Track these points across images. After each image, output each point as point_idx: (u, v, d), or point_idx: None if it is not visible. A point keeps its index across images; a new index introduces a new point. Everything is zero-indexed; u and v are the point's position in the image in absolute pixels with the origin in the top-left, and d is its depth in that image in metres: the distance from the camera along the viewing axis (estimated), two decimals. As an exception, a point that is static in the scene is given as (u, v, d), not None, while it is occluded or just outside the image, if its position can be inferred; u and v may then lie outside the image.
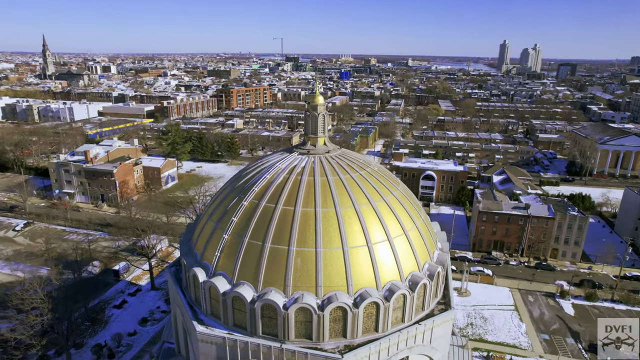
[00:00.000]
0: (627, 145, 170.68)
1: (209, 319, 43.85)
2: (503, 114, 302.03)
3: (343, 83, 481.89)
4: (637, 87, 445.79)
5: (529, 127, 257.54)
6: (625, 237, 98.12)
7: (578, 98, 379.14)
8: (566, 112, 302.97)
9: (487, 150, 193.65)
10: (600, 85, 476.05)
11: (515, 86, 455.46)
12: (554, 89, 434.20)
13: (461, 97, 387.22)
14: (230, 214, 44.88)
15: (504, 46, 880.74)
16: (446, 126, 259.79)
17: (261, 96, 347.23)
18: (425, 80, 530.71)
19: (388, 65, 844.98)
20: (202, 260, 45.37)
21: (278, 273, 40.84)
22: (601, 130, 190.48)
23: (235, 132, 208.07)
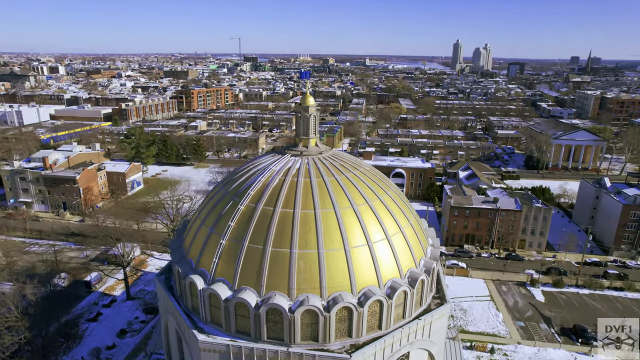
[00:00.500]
0: (577, 139, 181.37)
1: (209, 326, 42.87)
2: (461, 112, 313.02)
3: (304, 83, 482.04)
4: (579, 85, 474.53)
5: (486, 123, 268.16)
6: (586, 227, 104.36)
7: (528, 95, 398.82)
8: (519, 108, 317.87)
9: (450, 147, 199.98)
10: (547, 84, 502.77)
11: (470, 84, 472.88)
12: (506, 87, 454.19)
13: (420, 95, 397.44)
14: (227, 218, 44.06)
15: (457, 46, 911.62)
16: (408, 124, 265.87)
17: (222, 97, 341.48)
18: (384, 80, 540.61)
19: (347, 65, 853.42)
20: (199, 267, 44.25)
21: (281, 276, 40.53)
22: (554, 126, 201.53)
23: (199, 134, 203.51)
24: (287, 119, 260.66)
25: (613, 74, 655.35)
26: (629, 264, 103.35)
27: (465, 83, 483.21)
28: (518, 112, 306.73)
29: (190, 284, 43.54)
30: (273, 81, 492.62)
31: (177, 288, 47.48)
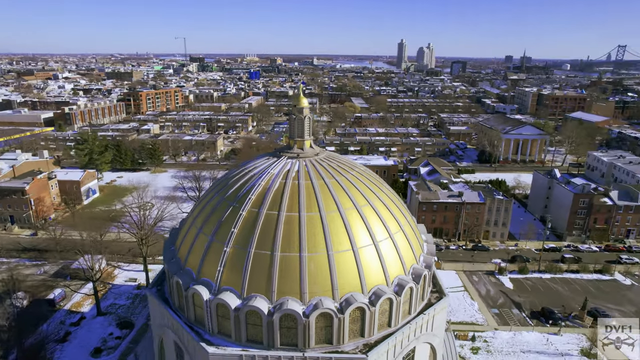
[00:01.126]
0: (524, 134, 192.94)
1: (217, 338, 41.43)
2: (412, 109, 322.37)
3: (255, 83, 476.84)
4: (516, 82, 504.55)
5: (438, 120, 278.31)
6: (545, 216, 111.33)
7: (473, 93, 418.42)
8: (466, 105, 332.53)
9: (407, 144, 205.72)
10: (488, 81, 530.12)
11: (417, 82, 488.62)
12: (451, 85, 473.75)
13: (371, 94, 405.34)
14: (228, 225, 42.84)
15: (402, 45, 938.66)
16: (363, 123, 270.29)
17: (172, 99, 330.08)
18: (334, 79, 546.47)
19: (295, 65, 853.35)
20: (200, 277, 42.68)
21: (292, 281, 39.98)
22: (502, 121, 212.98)
23: (154, 138, 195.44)
24: (243, 120, 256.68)
25: (544, 72, 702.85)
26: (581, 248, 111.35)
27: (413, 81, 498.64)
28: (465, 109, 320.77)
29: (194, 295, 41.91)
30: (222, 82, 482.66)
31: (176, 300, 45.49)
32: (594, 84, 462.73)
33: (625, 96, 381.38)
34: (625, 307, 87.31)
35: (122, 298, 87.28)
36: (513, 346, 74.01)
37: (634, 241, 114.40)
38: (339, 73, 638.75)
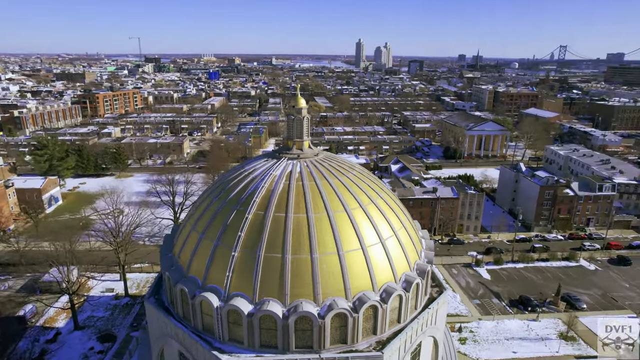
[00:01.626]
0: (486, 130, 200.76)
1: (228, 345, 40.37)
2: (375, 108, 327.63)
3: (215, 83, 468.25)
4: (471, 80, 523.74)
5: (401, 118, 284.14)
6: (517, 208, 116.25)
7: (432, 91, 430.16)
8: (427, 103, 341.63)
9: (375, 142, 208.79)
10: (445, 79, 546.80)
11: (378, 81, 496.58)
12: (410, 83, 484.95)
13: (334, 93, 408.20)
14: (234, 229, 41.83)
15: (360, 45, 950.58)
16: (329, 122, 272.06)
17: (131, 101, 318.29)
18: (295, 79, 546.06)
19: (254, 65, 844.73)
20: (207, 283, 41.42)
21: (305, 283, 39.60)
22: (465, 118, 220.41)
23: (116, 142, 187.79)
24: (207, 121, 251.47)
25: (496, 70, 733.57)
26: (548, 237, 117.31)
27: (374, 80, 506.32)
28: (426, 107, 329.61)
29: (202, 302, 40.65)
30: (181, 82, 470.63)
31: (179, 309, 43.89)
32: (542, 81, 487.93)
33: (571, 93, 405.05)
34: (592, 291, 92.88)
35: (100, 310, 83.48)
36: (497, 334, 76.98)
37: (593, 229, 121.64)
38: (299, 73, 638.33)
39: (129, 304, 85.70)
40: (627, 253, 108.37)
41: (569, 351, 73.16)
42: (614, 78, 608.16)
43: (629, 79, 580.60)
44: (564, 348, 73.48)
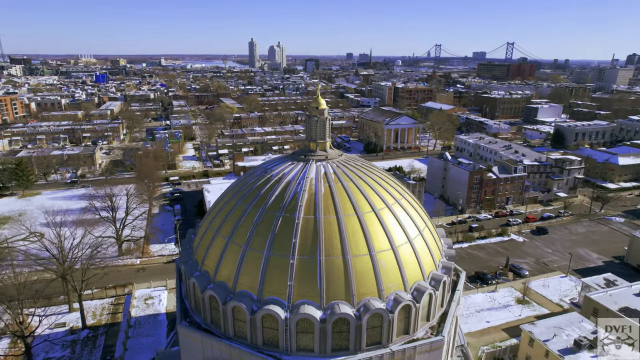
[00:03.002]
0: (402, 124, 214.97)
1: (297, 356, 39.24)
2: (285, 107, 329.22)
3: (106, 87, 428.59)
4: (367, 77, 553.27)
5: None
6: (457, 193, 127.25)
7: (334, 88, 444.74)
8: (334, 101, 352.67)
9: (299, 141, 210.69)
10: (343, 77, 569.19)
11: (281, 80, 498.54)
12: (312, 82, 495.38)
13: (239, 94, 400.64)
14: (285, 236, 40.66)
15: (253, 44, 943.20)
16: (243, 123, 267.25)
17: (10, 108, 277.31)
18: (192, 80, 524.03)
19: (143, 66, 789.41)
20: (264, 296, 39.72)
21: (368, 282, 39.95)
22: (380, 113, 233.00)
23: (10, 156, 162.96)
24: (113, 128, 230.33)
25: (386, 68, 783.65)
26: (479, 217, 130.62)
27: (275, 80, 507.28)
28: (334, 104, 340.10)
29: (264, 316, 38.88)
30: (65, 87, 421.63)
31: (228, 327, 41.07)
32: (430, 77, 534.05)
33: (455, 87, 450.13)
34: (527, 259, 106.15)
35: (57, 349, 73.25)
36: (469, 309, 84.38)
37: (511, 206, 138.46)
38: (196, 73, 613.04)
39: (91, 336, 76.40)
40: (542, 224, 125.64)
41: (528, 313, 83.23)
42: (484, 73, 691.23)
43: (495, 74, 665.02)
44: (524, 311, 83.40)
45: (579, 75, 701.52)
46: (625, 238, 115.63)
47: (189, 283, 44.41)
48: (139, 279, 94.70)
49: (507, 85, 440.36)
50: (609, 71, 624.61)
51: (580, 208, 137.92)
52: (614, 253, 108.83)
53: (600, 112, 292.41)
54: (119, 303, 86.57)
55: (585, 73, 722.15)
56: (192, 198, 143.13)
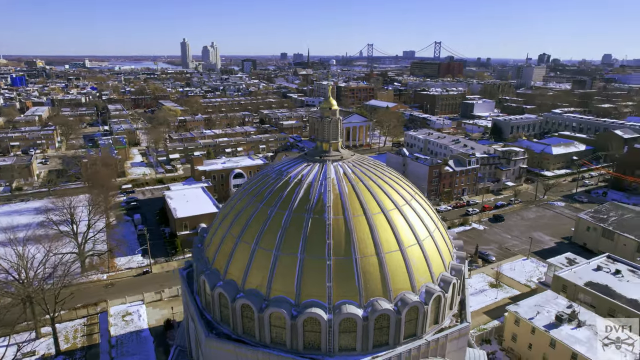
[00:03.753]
0: (353, 122, 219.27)
1: (340, 356, 39.39)
2: (229, 108, 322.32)
3: (26, 91, 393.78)
4: (306, 77, 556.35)
5: (262, 117, 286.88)
6: (421, 187, 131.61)
7: (276, 89, 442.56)
8: (279, 101, 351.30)
9: (252, 142, 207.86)
10: (282, 77, 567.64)
11: (220, 81, 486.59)
12: (252, 82, 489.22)
13: (178, 96, 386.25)
14: (317, 238, 40.76)
15: (185, 44, 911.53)
16: (188, 125, 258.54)
17: None
18: (124, 82, 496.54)
19: (66, 68, 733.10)
20: (303, 299, 39.59)
21: (377, 281, 40.22)
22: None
23: None
24: (46, 135, 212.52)
25: (323, 67, 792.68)
26: (440, 209, 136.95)
27: (214, 81, 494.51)
28: (278, 104, 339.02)
29: (305, 320, 38.67)
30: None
31: (265, 335, 40.27)
32: (368, 76, 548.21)
33: (392, 85, 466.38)
34: (491, 246, 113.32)
35: (32, 379, 66.76)
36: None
37: (467, 197, 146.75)
38: (127, 75, 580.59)
39: (69, 361, 70.60)
40: (498, 212, 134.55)
41: (503, 295, 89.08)
42: (417, 72, 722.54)
43: (427, 72, 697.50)
44: (499, 294, 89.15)
45: (501, 73, 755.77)
46: (568, 220, 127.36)
47: (214, 294, 42.77)
48: (110, 295, 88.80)
49: (442, 83, 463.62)
50: (526, 69, 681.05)
51: (526, 195, 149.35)
52: (562, 234, 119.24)
53: (527, 106, 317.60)
54: (92, 323, 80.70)
55: (506, 71, 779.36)
56: (151, 206, 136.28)
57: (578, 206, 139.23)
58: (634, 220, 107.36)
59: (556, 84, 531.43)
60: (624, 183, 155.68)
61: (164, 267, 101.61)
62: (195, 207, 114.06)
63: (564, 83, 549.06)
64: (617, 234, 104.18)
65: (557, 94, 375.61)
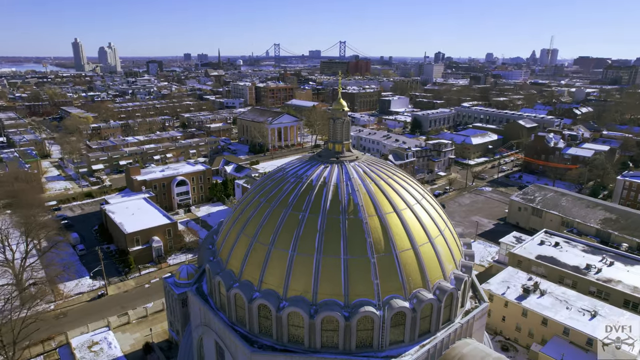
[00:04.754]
0: (284, 122, 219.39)
1: (389, 350, 40.43)
2: (144, 113, 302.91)
3: None
4: (218, 78, 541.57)
5: (183, 120, 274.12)
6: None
7: (190, 91, 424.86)
8: (197, 103, 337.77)
9: (181, 147, 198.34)
10: (194, 79, 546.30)
11: (127, 85, 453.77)
12: (163, 85, 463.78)
13: (82, 101, 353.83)
14: (358, 238, 41.46)
15: (78, 45, 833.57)
16: (103, 133, 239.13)
17: None
18: (9, 86, 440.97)
19: None
20: (352, 299, 39.87)
21: (416, 273, 41.97)
22: (260, 113, 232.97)
23: None
24: None
25: (233, 67, 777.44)
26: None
27: (120, 84, 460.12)
28: (197, 107, 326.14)
29: (360, 320, 39.10)
30: None
31: (317, 340, 39.93)
32: (282, 76, 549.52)
33: (309, 84, 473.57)
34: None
35: None
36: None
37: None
38: (12, 79, 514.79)
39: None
40: (439, 200, 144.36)
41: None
42: (326, 70, 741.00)
43: (336, 71, 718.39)
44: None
45: (404, 70, 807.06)
46: (498, 203, 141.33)
47: (252, 306, 41.13)
48: (65, 326, 79.78)
49: (355, 81, 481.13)
50: (426, 66, 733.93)
51: (457, 183, 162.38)
52: (497, 216, 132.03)
53: (436, 101, 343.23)
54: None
55: (408, 68, 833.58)
56: (86, 223, 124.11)
57: (502, 190, 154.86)
58: (555, 198, 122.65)
59: (455, 80, 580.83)
60: (533, 166, 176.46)
61: (121, 288, 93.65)
62: (145, 220, 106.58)
63: (460, 79, 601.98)
64: (544, 212, 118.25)
65: (460, 89, 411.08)
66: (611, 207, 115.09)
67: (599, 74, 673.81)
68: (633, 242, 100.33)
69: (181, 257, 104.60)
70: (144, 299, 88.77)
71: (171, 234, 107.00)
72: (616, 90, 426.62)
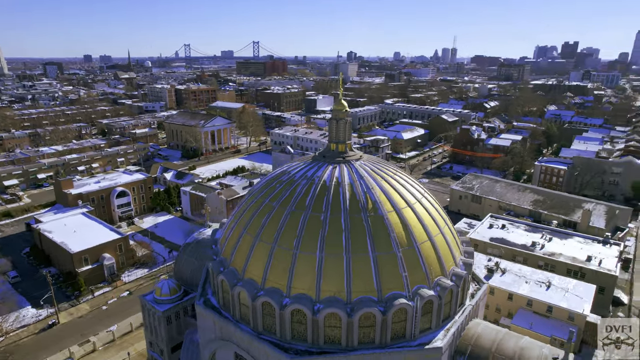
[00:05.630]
0: (217, 125, 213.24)
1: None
2: (52, 121, 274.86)
3: None
4: (130, 80, 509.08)
5: (102, 127, 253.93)
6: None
7: (101, 95, 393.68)
8: (114, 109, 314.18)
9: (108, 155, 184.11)
10: (103, 82, 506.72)
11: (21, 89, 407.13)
12: (69, 89, 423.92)
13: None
14: (383, 234, 42.47)
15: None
16: (7, 144, 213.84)
17: None
18: None
19: None
20: (385, 294, 40.88)
21: (435, 263, 43.92)
22: (190, 117, 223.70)
23: None
24: None
25: (144, 70, 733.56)
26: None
27: (15, 89, 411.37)
28: (114, 112, 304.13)
29: (394, 313, 40.28)
30: None
31: (350, 337, 40.36)
32: (200, 77, 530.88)
33: (229, 85, 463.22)
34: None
35: None
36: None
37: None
38: None
39: None
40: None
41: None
42: (243, 71, 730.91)
43: (252, 71, 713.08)
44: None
45: (320, 70, 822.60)
46: (437, 193, 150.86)
47: (285, 313, 40.35)
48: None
49: (276, 81, 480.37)
50: (342, 65, 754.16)
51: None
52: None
53: (359, 99, 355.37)
54: (12, 402, 63.73)
55: (324, 67, 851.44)
56: (11, 246, 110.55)
57: (438, 180, 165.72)
58: (490, 185, 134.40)
59: (370, 78, 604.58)
60: (460, 157, 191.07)
61: (74, 313, 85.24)
62: (91, 237, 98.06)
63: (374, 77, 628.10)
64: (483, 198, 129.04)
65: (379, 87, 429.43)
66: (537, 189, 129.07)
67: (493, 71, 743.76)
68: (560, 219, 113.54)
69: (137, 273, 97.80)
70: (105, 322, 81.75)
71: (123, 250, 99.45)
72: (510, 85, 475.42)
